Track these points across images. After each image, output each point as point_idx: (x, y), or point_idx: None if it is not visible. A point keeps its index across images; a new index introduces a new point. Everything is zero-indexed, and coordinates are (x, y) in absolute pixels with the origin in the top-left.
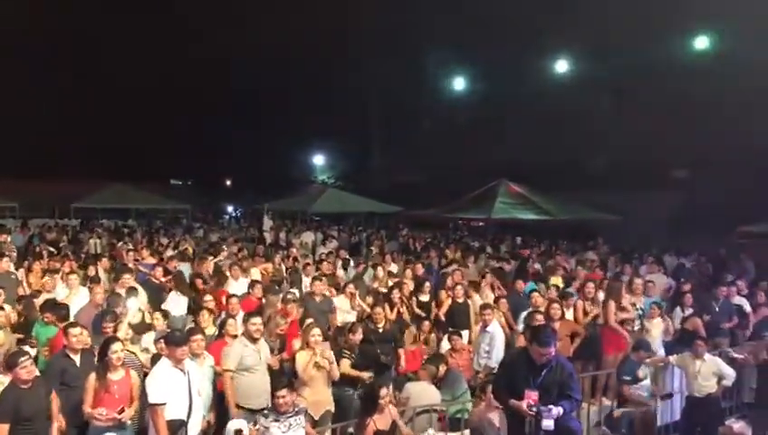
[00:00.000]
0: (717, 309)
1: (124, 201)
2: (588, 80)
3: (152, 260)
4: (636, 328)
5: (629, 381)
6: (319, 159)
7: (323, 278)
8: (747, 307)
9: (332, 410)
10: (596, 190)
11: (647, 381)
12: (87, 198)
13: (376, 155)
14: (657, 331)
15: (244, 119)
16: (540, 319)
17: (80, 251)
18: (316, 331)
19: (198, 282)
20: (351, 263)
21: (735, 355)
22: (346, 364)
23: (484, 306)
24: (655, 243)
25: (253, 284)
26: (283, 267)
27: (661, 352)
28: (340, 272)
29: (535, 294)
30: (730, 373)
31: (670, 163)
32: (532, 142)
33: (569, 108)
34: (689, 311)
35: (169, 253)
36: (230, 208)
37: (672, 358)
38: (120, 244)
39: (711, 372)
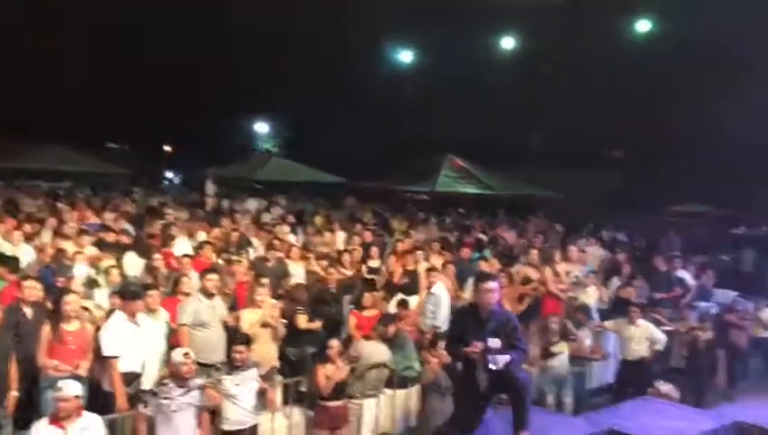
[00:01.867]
0: (658, 281)
1: (58, 163)
2: (531, 58)
3: (96, 220)
4: (571, 294)
5: (572, 340)
6: (263, 127)
7: (276, 242)
8: (690, 280)
9: (277, 365)
10: (536, 168)
11: (588, 342)
12: (19, 158)
13: (321, 125)
14: (591, 298)
15: (185, 84)
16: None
17: (17, 211)
18: (262, 289)
19: (151, 242)
20: (299, 229)
21: (668, 327)
22: (303, 319)
23: (430, 269)
24: (592, 220)
25: (201, 245)
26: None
27: (596, 317)
28: (290, 237)
29: (481, 261)
30: (661, 338)
31: (608, 144)
32: (475, 118)
33: (512, 85)
34: (626, 280)
35: (109, 215)
36: (170, 174)
37: (608, 323)
38: (61, 205)
39: (644, 336)
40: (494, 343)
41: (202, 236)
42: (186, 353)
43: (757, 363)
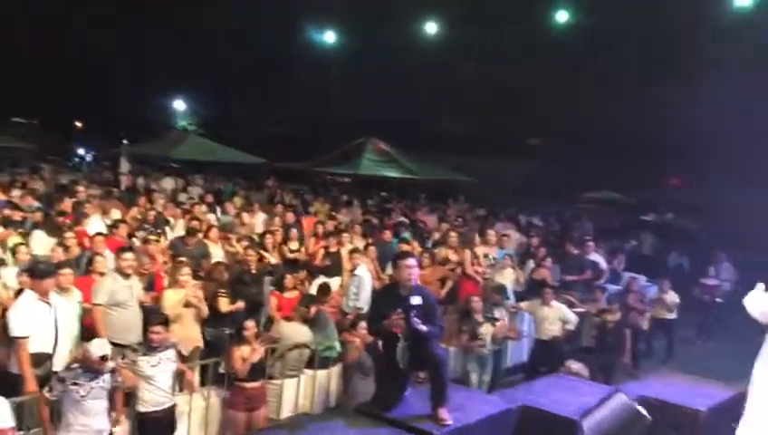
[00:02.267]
0: (572, 263)
1: None
2: (453, 45)
3: (2, 197)
4: (488, 276)
5: (489, 320)
6: (180, 105)
7: (195, 222)
8: (603, 264)
9: (201, 346)
10: (454, 154)
11: (504, 322)
12: None
13: (241, 104)
14: (508, 280)
15: (97, 59)
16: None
17: None
18: (185, 270)
19: (60, 220)
20: (218, 209)
21: (580, 308)
22: (225, 302)
23: (353, 250)
24: (510, 205)
25: (116, 223)
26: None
27: (512, 299)
28: (210, 217)
29: (402, 243)
30: (573, 318)
31: (525, 132)
32: (398, 101)
33: (434, 70)
34: (540, 263)
35: (16, 192)
36: (81, 151)
37: (523, 304)
38: None
39: (556, 317)
40: (416, 299)
41: (116, 214)
42: (103, 357)
43: (662, 344)
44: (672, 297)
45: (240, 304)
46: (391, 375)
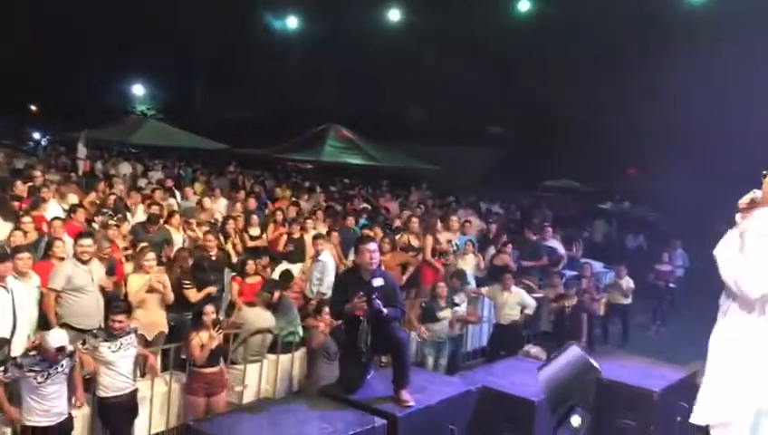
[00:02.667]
0: (530, 250)
1: None
2: (417, 33)
3: None
4: (450, 262)
5: (450, 305)
6: (138, 89)
7: (156, 207)
8: (561, 250)
9: (166, 331)
10: (416, 142)
11: (463, 306)
12: None
13: (201, 90)
14: (469, 266)
15: (53, 43)
16: None
17: None
18: (150, 255)
19: (16, 204)
20: (178, 195)
21: (538, 294)
22: (193, 293)
23: (317, 236)
24: (471, 192)
25: (74, 208)
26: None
27: (473, 284)
28: (171, 201)
29: (365, 229)
30: (532, 303)
31: (486, 120)
32: (360, 89)
33: (397, 58)
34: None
35: None
36: (36, 135)
37: (483, 289)
38: None
39: (516, 302)
40: (378, 281)
41: (73, 199)
42: (59, 348)
43: (617, 328)
44: (628, 283)
45: (211, 289)
46: (354, 358)
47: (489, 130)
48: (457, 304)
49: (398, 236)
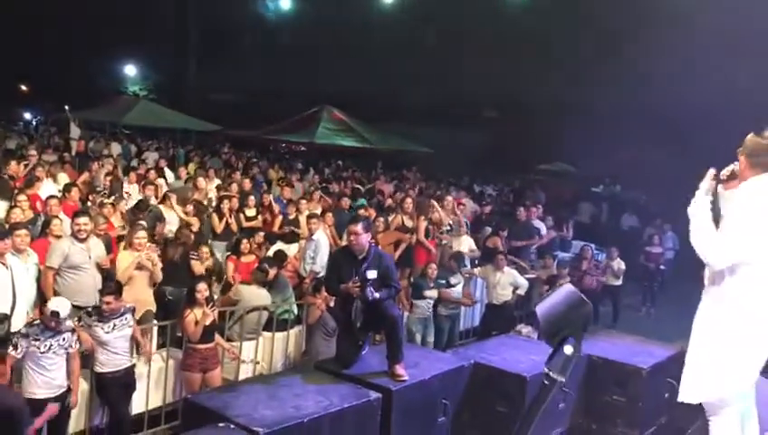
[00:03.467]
0: (518, 230)
1: None
2: (412, 14)
3: None
4: (444, 242)
5: (444, 286)
6: (131, 70)
7: (151, 187)
8: (544, 230)
9: (153, 309)
10: (410, 124)
11: (459, 287)
12: None
13: (193, 70)
14: (464, 247)
15: (45, 22)
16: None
17: None
18: (141, 233)
19: (12, 183)
20: (171, 174)
21: (531, 275)
22: (198, 265)
23: (311, 216)
24: (466, 175)
25: (68, 187)
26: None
27: (468, 265)
28: (159, 181)
29: (360, 210)
30: (524, 284)
31: (482, 103)
32: (354, 71)
33: (392, 40)
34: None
35: None
36: (28, 115)
37: (476, 270)
38: None
39: (508, 282)
40: (372, 274)
41: (65, 179)
42: (53, 313)
43: (608, 309)
44: (619, 264)
45: (210, 264)
46: (349, 335)
47: (484, 113)
48: (453, 285)
49: (391, 217)
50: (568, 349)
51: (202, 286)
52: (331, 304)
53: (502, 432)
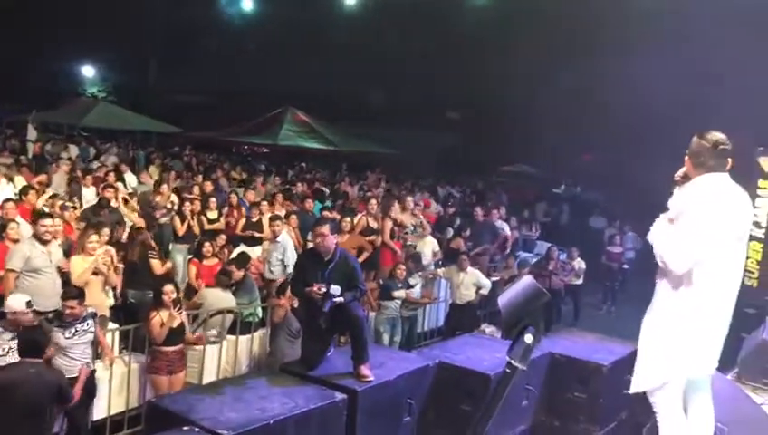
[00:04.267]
0: (480, 230)
1: None
2: (375, 15)
3: None
4: (409, 243)
5: (404, 287)
6: (89, 71)
7: (109, 189)
8: (507, 230)
9: (107, 314)
10: (374, 125)
11: (418, 288)
12: None
13: (154, 71)
14: (427, 248)
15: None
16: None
17: None
18: (93, 237)
19: None
20: (132, 178)
21: (495, 277)
22: (158, 264)
23: (274, 218)
24: (429, 176)
25: (25, 190)
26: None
27: (432, 266)
28: (119, 184)
29: (325, 211)
30: (487, 284)
31: (445, 104)
32: (317, 72)
33: (355, 41)
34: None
35: None
36: None
37: (440, 271)
38: None
39: (471, 282)
40: (335, 290)
41: (21, 182)
42: (28, 302)
43: (569, 308)
44: (579, 264)
45: (168, 265)
46: (314, 336)
47: (447, 115)
48: (412, 286)
49: (356, 219)
50: (528, 338)
51: (169, 288)
52: (296, 304)
53: (467, 431)
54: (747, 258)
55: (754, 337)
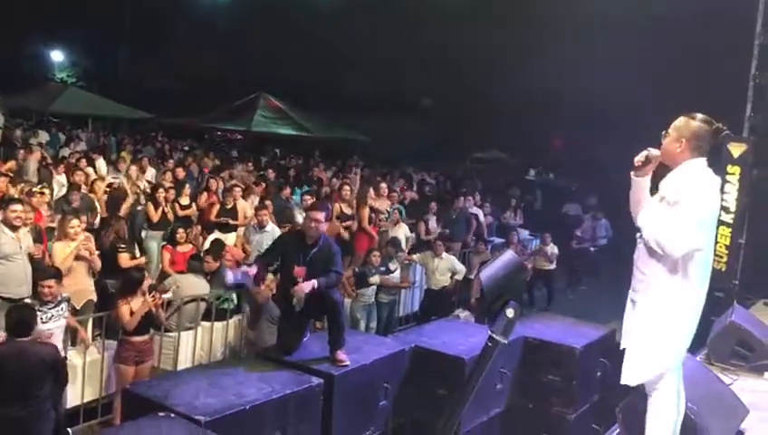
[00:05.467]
0: (455, 217)
1: None
2: (351, 1)
3: None
4: (382, 229)
5: (384, 272)
6: (57, 56)
7: (80, 174)
8: (482, 217)
9: (94, 299)
10: (348, 112)
11: (397, 273)
12: None
13: (126, 57)
14: (400, 233)
15: None
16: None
17: None
18: (75, 222)
19: None
20: (103, 163)
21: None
22: (126, 258)
23: (260, 207)
24: (404, 163)
25: None
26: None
27: (405, 251)
28: (89, 170)
29: (307, 196)
30: (461, 269)
31: (420, 91)
32: (292, 58)
33: (330, 28)
34: (434, 217)
35: None
36: None
37: (415, 256)
38: None
39: (446, 268)
40: (308, 286)
41: None
42: None
43: (542, 293)
44: (552, 249)
45: (142, 260)
46: (290, 321)
47: (420, 102)
48: (391, 271)
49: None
50: (510, 312)
51: (141, 276)
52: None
53: (442, 413)
54: (716, 243)
55: (723, 320)
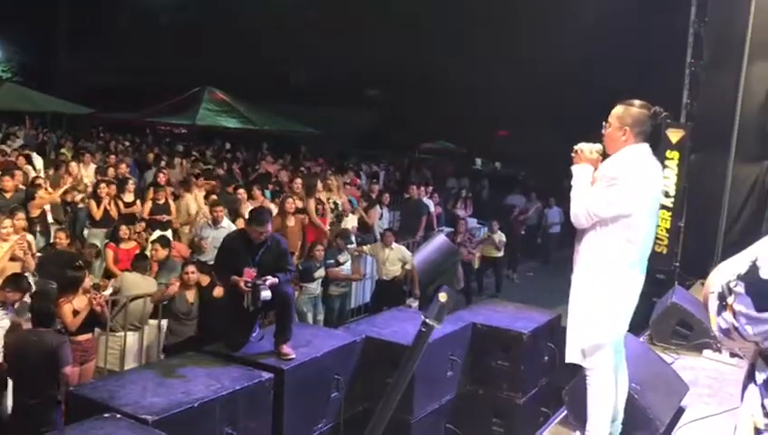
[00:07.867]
0: (409, 207)
1: None
2: None
3: None
4: (332, 221)
5: (333, 265)
6: None
7: (18, 173)
8: (432, 207)
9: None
10: (294, 103)
11: (348, 265)
12: None
13: (64, 51)
14: (350, 225)
15: None
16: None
17: None
18: (6, 222)
19: None
20: (41, 161)
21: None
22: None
23: (215, 203)
24: (352, 154)
25: None
26: None
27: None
28: (27, 168)
29: (257, 192)
30: (411, 258)
31: (366, 82)
32: (235, 51)
33: (274, 18)
34: (385, 209)
35: None
36: None
37: (365, 247)
38: None
39: (397, 258)
40: (266, 294)
41: None
42: None
43: (491, 280)
44: (500, 237)
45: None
46: (238, 316)
47: (367, 93)
48: (342, 263)
49: (287, 203)
50: (443, 296)
51: (82, 274)
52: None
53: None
54: (657, 226)
55: (664, 301)
